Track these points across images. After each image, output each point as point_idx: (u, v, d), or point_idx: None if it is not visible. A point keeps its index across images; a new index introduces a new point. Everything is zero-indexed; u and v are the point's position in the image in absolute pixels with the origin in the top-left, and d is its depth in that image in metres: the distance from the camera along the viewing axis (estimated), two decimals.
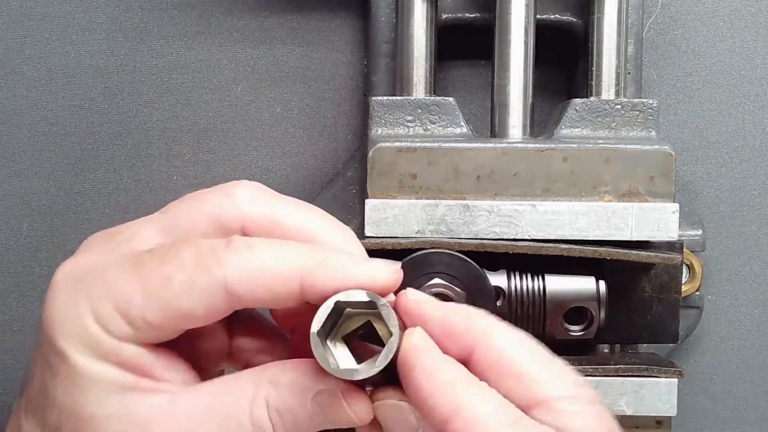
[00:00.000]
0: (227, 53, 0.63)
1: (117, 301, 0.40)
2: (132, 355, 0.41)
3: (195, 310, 0.39)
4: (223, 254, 0.39)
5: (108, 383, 0.40)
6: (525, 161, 0.50)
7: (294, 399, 0.41)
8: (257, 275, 0.39)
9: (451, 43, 0.59)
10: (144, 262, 0.40)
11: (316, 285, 0.39)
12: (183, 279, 0.39)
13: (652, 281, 0.52)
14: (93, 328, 0.40)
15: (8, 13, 0.62)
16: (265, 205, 0.43)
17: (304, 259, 0.40)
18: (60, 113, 0.63)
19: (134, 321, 0.40)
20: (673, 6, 0.62)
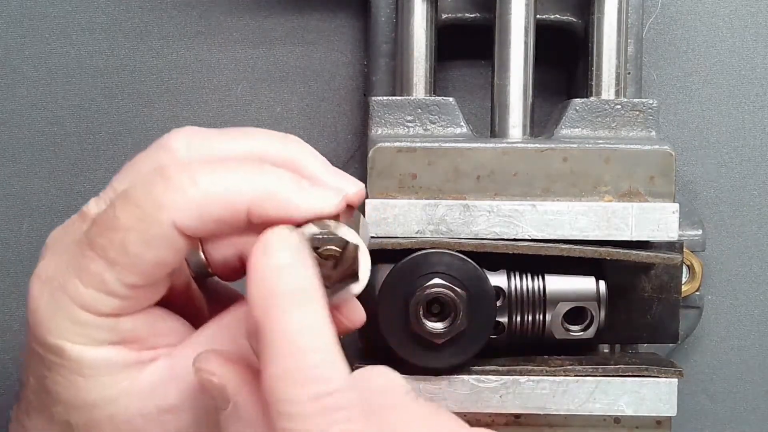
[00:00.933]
0: (227, 53, 0.63)
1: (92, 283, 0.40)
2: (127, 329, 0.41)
3: (161, 258, 0.40)
4: (164, 196, 0.39)
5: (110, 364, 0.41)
6: (525, 161, 0.50)
7: None
8: (204, 210, 0.39)
9: (451, 43, 0.59)
10: (94, 237, 0.40)
11: (262, 215, 0.40)
12: (135, 239, 0.39)
13: (652, 281, 0.52)
14: (82, 316, 0.40)
15: (8, 13, 0.62)
16: (203, 146, 0.43)
17: (250, 188, 0.40)
18: (60, 113, 0.63)
19: (116, 291, 0.40)
20: (673, 6, 0.62)
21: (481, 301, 0.48)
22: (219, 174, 0.40)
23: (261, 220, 0.40)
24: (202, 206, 0.39)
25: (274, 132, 0.44)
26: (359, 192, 0.42)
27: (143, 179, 0.40)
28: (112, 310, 0.40)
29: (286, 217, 0.40)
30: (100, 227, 0.40)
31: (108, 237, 0.40)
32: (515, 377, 0.50)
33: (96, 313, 0.40)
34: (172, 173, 0.40)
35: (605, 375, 0.50)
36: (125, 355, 0.41)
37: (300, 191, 0.40)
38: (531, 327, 0.50)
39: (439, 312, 0.48)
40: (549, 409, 0.50)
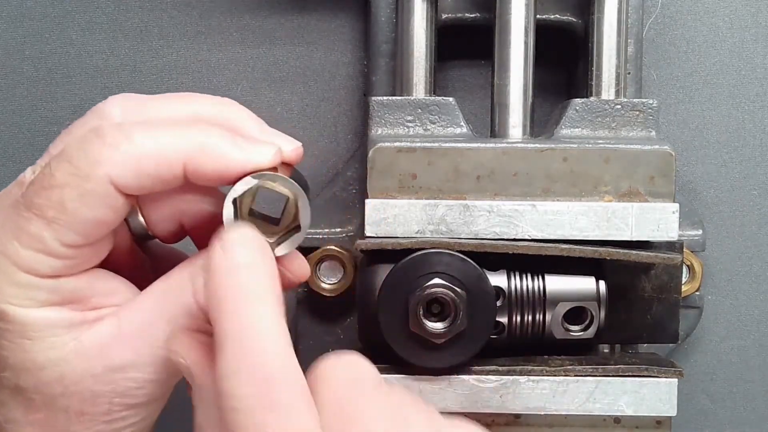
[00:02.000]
0: (227, 53, 0.63)
1: (31, 244, 0.40)
2: (70, 289, 0.41)
3: (99, 215, 0.40)
4: (99, 153, 0.40)
5: (54, 325, 0.41)
6: (525, 161, 0.50)
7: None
8: (139, 165, 0.40)
9: (451, 43, 0.59)
10: (31, 197, 0.40)
11: (198, 170, 0.41)
12: (72, 196, 0.40)
13: (652, 281, 0.52)
14: (23, 278, 0.40)
15: (8, 13, 0.62)
16: (138, 111, 0.44)
17: (185, 142, 0.40)
18: (60, 113, 0.63)
19: (55, 251, 0.40)
20: (673, 6, 0.63)
21: (481, 301, 0.48)
22: (153, 130, 0.41)
23: (197, 175, 0.41)
24: (137, 161, 0.40)
25: (211, 96, 0.46)
26: (296, 149, 0.44)
27: (78, 138, 0.41)
28: (52, 270, 0.41)
29: (222, 171, 0.41)
30: (37, 187, 0.40)
31: (45, 195, 0.40)
32: (515, 377, 0.50)
33: (37, 274, 0.41)
34: (107, 131, 0.40)
35: (605, 375, 0.50)
36: (69, 315, 0.42)
37: (235, 146, 0.41)
38: (531, 327, 0.50)
39: (439, 312, 0.48)
40: (549, 409, 0.50)
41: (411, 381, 0.49)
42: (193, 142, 0.41)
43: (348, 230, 0.60)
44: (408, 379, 0.49)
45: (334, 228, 0.60)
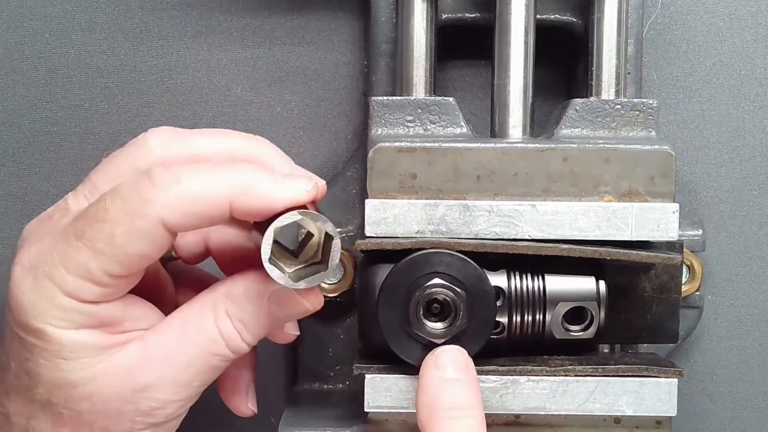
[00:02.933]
0: (227, 53, 0.63)
1: (77, 271, 0.43)
2: (106, 314, 0.44)
3: (145, 251, 0.43)
4: (149, 194, 0.42)
5: (88, 346, 0.44)
6: (525, 161, 0.50)
7: (251, 305, 0.45)
8: (188, 206, 0.43)
9: (451, 43, 0.59)
10: (83, 228, 0.43)
11: (243, 208, 0.43)
12: (123, 231, 0.42)
13: (652, 281, 0.52)
14: (65, 301, 0.43)
15: (8, 13, 0.62)
16: (179, 144, 0.47)
17: (230, 183, 0.43)
18: (60, 113, 0.63)
19: (99, 280, 0.43)
20: (673, 6, 0.63)
21: (481, 301, 0.48)
22: (199, 172, 0.43)
23: (242, 213, 0.43)
24: (185, 203, 0.42)
25: (243, 133, 0.48)
26: (323, 187, 0.46)
27: (131, 178, 0.44)
28: (93, 297, 0.43)
29: (266, 208, 0.43)
30: (89, 219, 0.43)
31: (97, 228, 0.42)
32: (515, 377, 0.50)
33: (79, 299, 0.43)
34: (156, 172, 0.43)
35: (605, 375, 0.50)
36: (102, 338, 0.44)
37: (275, 182, 0.44)
38: (531, 327, 0.50)
39: (439, 312, 0.48)
40: (549, 409, 0.50)
41: (411, 381, 0.49)
42: (237, 182, 0.43)
43: (348, 230, 0.60)
44: (408, 379, 0.49)
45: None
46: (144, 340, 0.45)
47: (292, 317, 0.47)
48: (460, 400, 0.45)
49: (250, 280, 0.46)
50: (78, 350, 0.44)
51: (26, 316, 0.43)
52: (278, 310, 0.46)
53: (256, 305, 0.45)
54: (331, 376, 0.61)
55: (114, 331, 0.45)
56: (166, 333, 0.45)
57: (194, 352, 0.45)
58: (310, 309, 0.46)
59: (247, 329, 0.46)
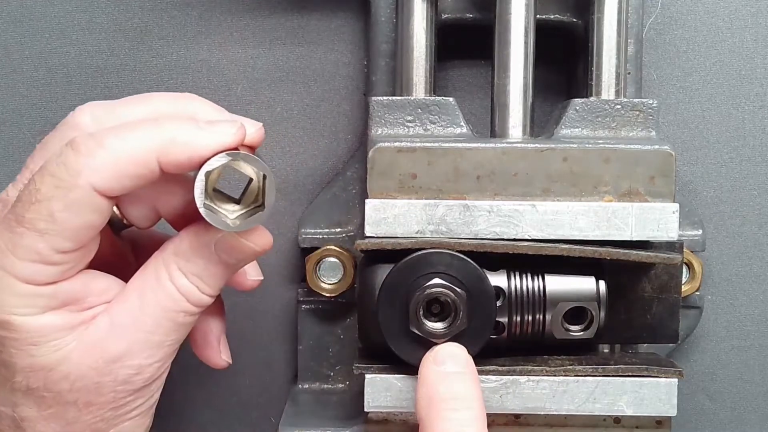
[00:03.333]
0: (227, 53, 0.63)
1: (27, 255, 0.43)
2: (67, 293, 0.44)
3: (87, 221, 0.43)
4: (77, 163, 0.43)
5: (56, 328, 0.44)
6: (525, 161, 0.50)
7: (200, 257, 0.46)
8: (117, 168, 0.43)
9: (451, 43, 0.59)
10: (21, 213, 0.43)
11: (171, 160, 0.43)
12: (60, 207, 0.42)
13: (652, 281, 0.52)
14: (23, 288, 0.43)
15: (8, 13, 0.62)
16: (107, 117, 0.47)
17: (153, 138, 0.43)
18: (60, 113, 0.62)
19: (51, 260, 0.43)
20: (673, 6, 0.63)
21: (481, 301, 0.48)
22: (122, 133, 0.43)
23: (171, 166, 0.44)
24: (113, 164, 0.43)
25: (171, 93, 0.49)
26: (258, 129, 0.47)
27: (56, 152, 0.44)
28: (50, 277, 0.43)
29: (193, 155, 0.43)
30: (25, 202, 0.43)
31: (34, 209, 0.43)
32: (515, 377, 0.50)
33: (36, 283, 0.43)
34: (80, 141, 0.43)
35: (605, 375, 0.50)
36: (69, 317, 0.45)
37: (199, 130, 0.44)
38: (531, 327, 0.50)
39: (439, 312, 0.48)
40: (549, 409, 0.50)
41: (411, 381, 0.49)
42: (161, 136, 0.44)
43: (348, 230, 0.60)
44: (408, 379, 0.49)
45: (334, 228, 0.60)
46: (109, 312, 0.45)
47: (244, 261, 0.47)
48: (458, 392, 0.45)
49: (194, 233, 0.46)
50: (47, 334, 0.44)
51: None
52: (228, 257, 0.46)
53: (206, 256, 0.46)
54: (331, 376, 0.61)
55: (79, 309, 0.45)
56: (128, 300, 0.46)
57: (158, 313, 0.45)
58: (258, 250, 0.46)
59: (203, 281, 0.46)
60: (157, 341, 0.46)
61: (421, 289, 0.48)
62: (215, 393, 0.64)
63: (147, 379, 0.46)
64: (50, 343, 0.44)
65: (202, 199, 0.43)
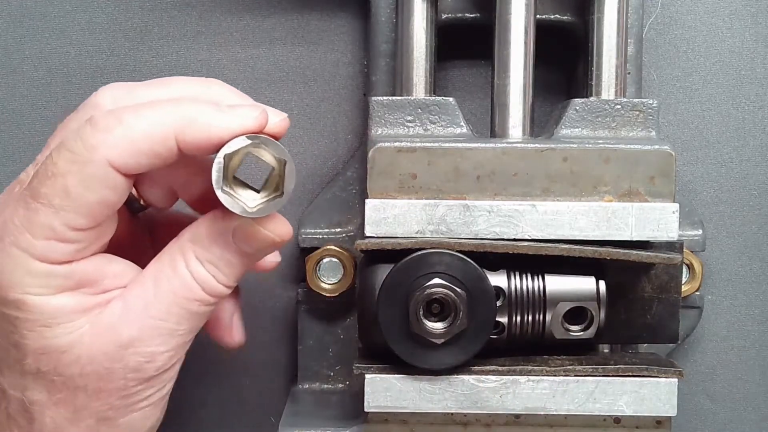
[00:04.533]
0: (227, 53, 0.63)
1: (42, 233, 0.42)
2: (82, 273, 0.44)
3: (102, 197, 0.42)
4: (94, 138, 0.42)
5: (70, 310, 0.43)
6: (525, 161, 0.50)
7: (217, 245, 0.45)
8: (134, 145, 0.42)
9: (451, 43, 0.59)
10: (37, 188, 0.42)
11: (189, 140, 0.43)
12: (75, 181, 0.42)
13: (652, 281, 0.52)
14: (38, 266, 0.43)
15: (8, 13, 0.62)
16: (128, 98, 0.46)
17: (173, 117, 0.43)
18: (60, 113, 0.62)
19: (66, 237, 0.42)
20: (673, 6, 0.63)
21: (481, 301, 0.48)
22: (141, 111, 0.43)
23: (189, 146, 0.43)
24: (130, 141, 0.42)
25: (195, 77, 0.48)
26: (283, 119, 0.46)
27: (74, 128, 0.44)
28: (65, 256, 0.43)
29: (212, 137, 0.43)
30: (41, 177, 0.42)
31: (49, 184, 0.42)
32: (515, 377, 0.50)
33: (50, 261, 0.43)
34: (99, 117, 0.43)
35: (605, 375, 0.50)
36: (83, 299, 0.44)
37: (219, 112, 0.43)
38: (531, 327, 0.50)
39: (439, 312, 0.48)
40: (549, 409, 0.50)
41: (411, 381, 0.49)
42: (180, 115, 0.43)
43: (348, 230, 0.60)
44: (408, 379, 0.49)
45: (334, 228, 0.60)
46: (123, 296, 0.45)
47: (262, 251, 0.46)
48: None
49: (211, 219, 0.45)
50: (60, 315, 0.43)
51: (3, 290, 0.43)
52: (246, 246, 0.45)
53: (223, 244, 0.45)
54: (331, 376, 0.61)
55: (94, 292, 0.44)
56: (143, 285, 0.45)
57: (172, 300, 0.44)
58: (277, 240, 0.45)
59: (220, 270, 0.45)
60: (170, 329, 0.45)
61: (421, 289, 0.48)
62: (215, 393, 0.64)
63: (158, 368, 0.45)
64: (63, 325, 0.43)
65: (220, 182, 0.43)
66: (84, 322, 0.44)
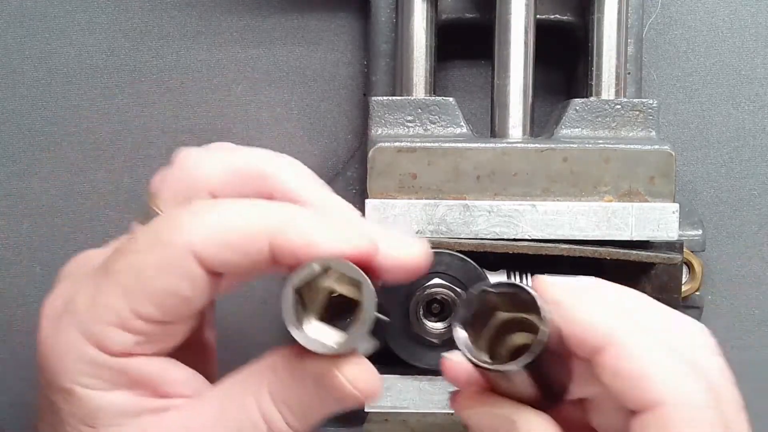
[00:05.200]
0: (227, 53, 0.63)
1: (103, 315, 0.37)
2: (140, 372, 0.38)
3: (177, 287, 0.37)
4: (181, 221, 0.37)
5: (120, 410, 0.38)
6: (525, 161, 0.50)
7: (294, 383, 0.38)
8: (222, 235, 0.37)
9: (451, 43, 0.59)
10: (111, 264, 0.38)
11: (284, 244, 0.37)
12: (152, 262, 0.37)
13: (652, 281, 0.52)
14: (91, 353, 0.37)
15: (8, 13, 0.62)
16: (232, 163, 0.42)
17: (272, 217, 0.37)
18: (60, 113, 0.63)
19: (128, 324, 0.37)
20: (673, 6, 0.62)
21: None
22: (239, 202, 0.38)
23: (284, 251, 0.37)
24: (222, 232, 0.37)
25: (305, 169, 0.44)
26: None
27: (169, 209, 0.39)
28: (124, 347, 0.38)
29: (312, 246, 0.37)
30: (119, 252, 0.38)
31: (124, 262, 0.37)
32: None
33: (108, 350, 0.38)
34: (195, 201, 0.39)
35: None
36: (136, 401, 0.38)
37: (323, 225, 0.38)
38: None
39: (439, 312, 0.48)
40: None
41: (411, 381, 0.49)
42: (280, 216, 0.38)
43: None
44: (408, 379, 0.49)
45: None
46: (182, 411, 0.39)
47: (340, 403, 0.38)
48: None
49: (294, 353, 0.38)
50: (107, 416, 0.38)
51: (52, 374, 0.38)
52: (322, 393, 0.38)
53: (299, 383, 0.38)
54: None
55: (151, 395, 0.39)
56: (206, 406, 0.38)
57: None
58: (356, 394, 0.38)
59: (291, 412, 0.38)
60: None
61: (421, 289, 0.48)
62: None
63: None
64: (108, 429, 0.38)
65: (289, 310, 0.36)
66: (133, 429, 0.38)
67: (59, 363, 0.38)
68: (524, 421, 0.37)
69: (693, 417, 0.36)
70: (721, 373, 0.39)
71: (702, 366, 0.38)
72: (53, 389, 0.38)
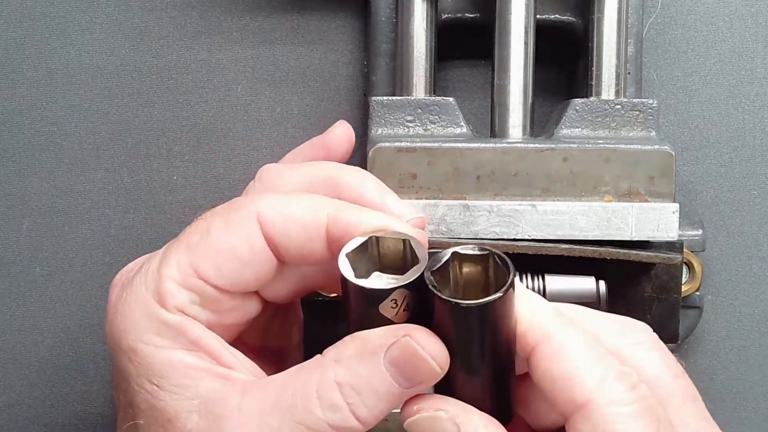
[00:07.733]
0: (227, 53, 0.63)
1: (167, 270, 0.39)
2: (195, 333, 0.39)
3: (236, 246, 0.40)
4: (254, 195, 0.43)
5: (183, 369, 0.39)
6: (525, 161, 0.50)
7: (366, 367, 0.37)
8: (286, 207, 0.40)
9: (451, 43, 0.59)
10: (187, 230, 0.41)
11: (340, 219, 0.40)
12: (219, 221, 0.40)
13: (652, 281, 0.52)
14: (153, 308, 0.39)
15: (8, 13, 0.62)
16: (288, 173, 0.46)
17: (333, 203, 0.41)
18: (60, 113, 0.63)
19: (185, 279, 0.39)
20: (673, 6, 0.63)
21: None
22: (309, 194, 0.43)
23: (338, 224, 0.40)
24: (285, 203, 0.41)
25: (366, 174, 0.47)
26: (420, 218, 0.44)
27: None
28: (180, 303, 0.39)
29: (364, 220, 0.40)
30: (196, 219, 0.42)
31: (195, 225, 0.41)
32: None
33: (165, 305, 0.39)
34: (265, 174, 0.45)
35: None
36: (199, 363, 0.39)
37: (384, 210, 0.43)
38: None
39: None
40: None
41: None
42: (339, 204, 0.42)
43: None
44: None
45: None
46: (244, 390, 0.39)
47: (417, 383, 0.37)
48: None
49: (363, 338, 0.38)
50: (173, 375, 0.38)
51: (119, 337, 0.39)
52: (396, 374, 0.37)
53: (372, 367, 0.37)
54: None
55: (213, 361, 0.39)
56: (267, 392, 0.38)
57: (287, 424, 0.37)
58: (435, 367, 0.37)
59: (361, 399, 0.37)
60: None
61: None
62: None
63: None
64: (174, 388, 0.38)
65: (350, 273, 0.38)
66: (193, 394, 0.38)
67: (124, 322, 0.39)
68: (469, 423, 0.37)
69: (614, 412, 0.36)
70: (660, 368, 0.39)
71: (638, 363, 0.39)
72: (121, 352, 0.39)
